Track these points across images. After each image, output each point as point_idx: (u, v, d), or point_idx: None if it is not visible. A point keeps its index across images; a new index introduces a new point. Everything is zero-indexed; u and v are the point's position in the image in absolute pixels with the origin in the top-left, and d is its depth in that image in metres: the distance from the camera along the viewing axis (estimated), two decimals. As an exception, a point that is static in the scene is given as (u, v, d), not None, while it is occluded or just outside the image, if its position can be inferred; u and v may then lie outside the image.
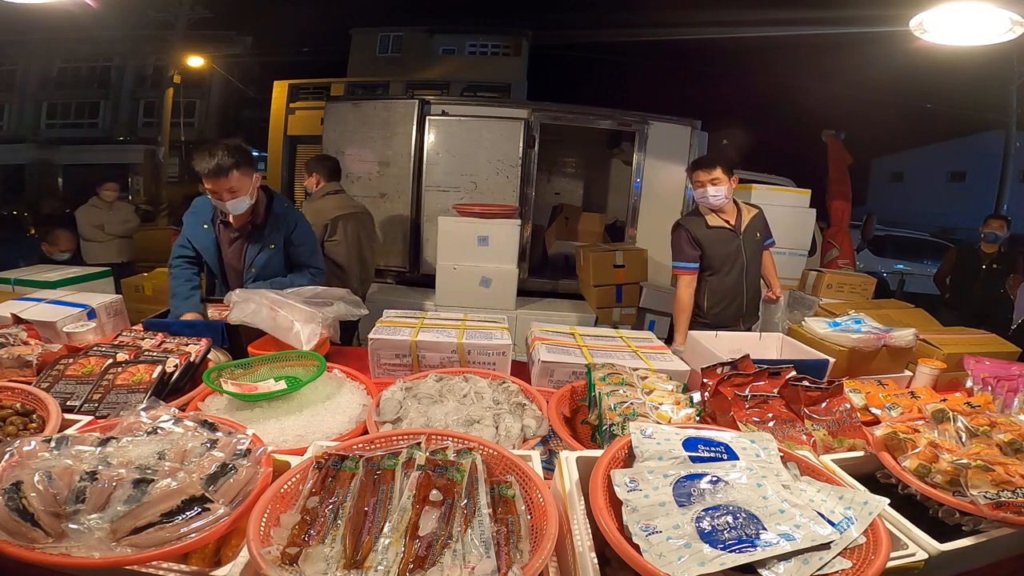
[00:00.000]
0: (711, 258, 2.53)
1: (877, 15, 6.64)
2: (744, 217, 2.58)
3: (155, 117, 15.02)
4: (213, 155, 1.89)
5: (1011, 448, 1.09)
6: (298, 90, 11.33)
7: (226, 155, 1.89)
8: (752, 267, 2.61)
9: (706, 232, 2.52)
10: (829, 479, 0.98)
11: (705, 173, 2.45)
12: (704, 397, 1.42)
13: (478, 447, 1.00)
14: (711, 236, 2.52)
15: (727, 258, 2.54)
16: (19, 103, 16.44)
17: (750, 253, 2.59)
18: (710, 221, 2.53)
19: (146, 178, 14.45)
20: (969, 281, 4.30)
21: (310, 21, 16.12)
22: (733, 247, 2.55)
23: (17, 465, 0.84)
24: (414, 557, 0.74)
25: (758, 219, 2.63)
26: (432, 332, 1.77)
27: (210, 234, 2.15)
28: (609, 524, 0.80)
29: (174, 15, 10.43)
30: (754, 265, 2.62)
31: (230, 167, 1.90)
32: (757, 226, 2.62)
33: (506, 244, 3.84)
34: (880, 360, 1.85)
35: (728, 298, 2.57)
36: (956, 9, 1.90)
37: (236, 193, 1.95)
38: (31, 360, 1.48)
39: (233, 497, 0.88)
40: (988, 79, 9.57)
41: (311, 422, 1.28)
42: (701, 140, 5.08)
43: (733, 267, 2.55)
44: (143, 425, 1.02)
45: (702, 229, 2.52)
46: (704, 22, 9.83)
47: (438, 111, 4.64)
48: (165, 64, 11.11)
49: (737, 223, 2.55)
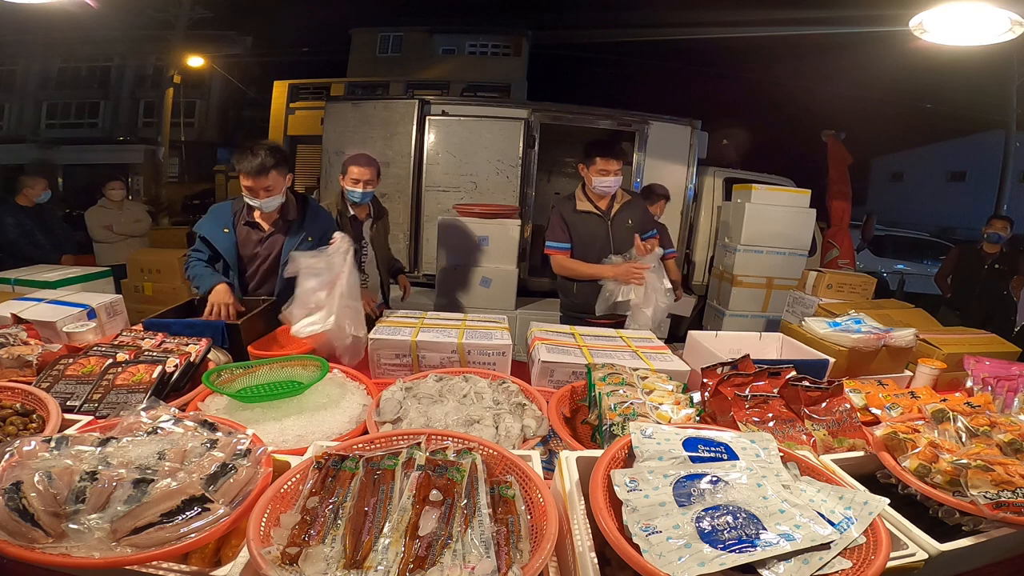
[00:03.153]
0: (577, 243, 2.51)
1: (877, 15, 6.64)
2: (615, 203, 2.55)
3: (155, 117, 15.00)
4: (256, 154, 2.01)
5: (1011, 448, 1.09)
6: (298, 90, 11.34)
7: (268, 155, 2.03)
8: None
9: (573, 215, 2.51)
10: (829, 479, 0.98)
11: (611, 163, 2.41)
12: (704, 397, 1.42)
13: (478, 447, 1.00)
14: (577, 220, 2.51)
15: (592, 242, 2.51)
16: (19, 103, 16.41)
17: (619, 240, 2.53)
18: (579, 206, 2.51)
19: (146, 178, 14.43)
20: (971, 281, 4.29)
21: (310, 21, 16.11)
22: (600, 232, 2.52)
23: (17, 465, 0.84)
24: (414, 557, 0.74)
25: (632, 206, 2.58)
26: (432, 332, 1.77)
27: (231, 237, 2.19)
28: (609, 524, 0.80)
29: (174, 15, 10.42)
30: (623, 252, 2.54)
31: (271, 167, 2.03)
32: (630, 214, 2.56)
33: (506, 244, 3.84)
34: (880, 360, 1.85)
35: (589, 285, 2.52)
36: (956, 9, 1.90)
37: (271, 192, 2.08)
38: (31, 360, 1.48)
39: (233, 497, 0.88)
40: (988, 79, 9.56)
41: (311, 422, 1.28)
42: (701, 140, 5.09)
43: (599, 254, 2.51)
44: (143, 425, 1.02)
45: (570, 211, 2.51)
46: (704, 22, 9.82)
47: (438, 111, 4.64)
48: (165, 64, 11.10)
49: (608, 209, 2.53)
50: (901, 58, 7.64)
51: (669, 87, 13.00)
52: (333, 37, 14.76)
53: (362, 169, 2.58)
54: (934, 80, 10.29)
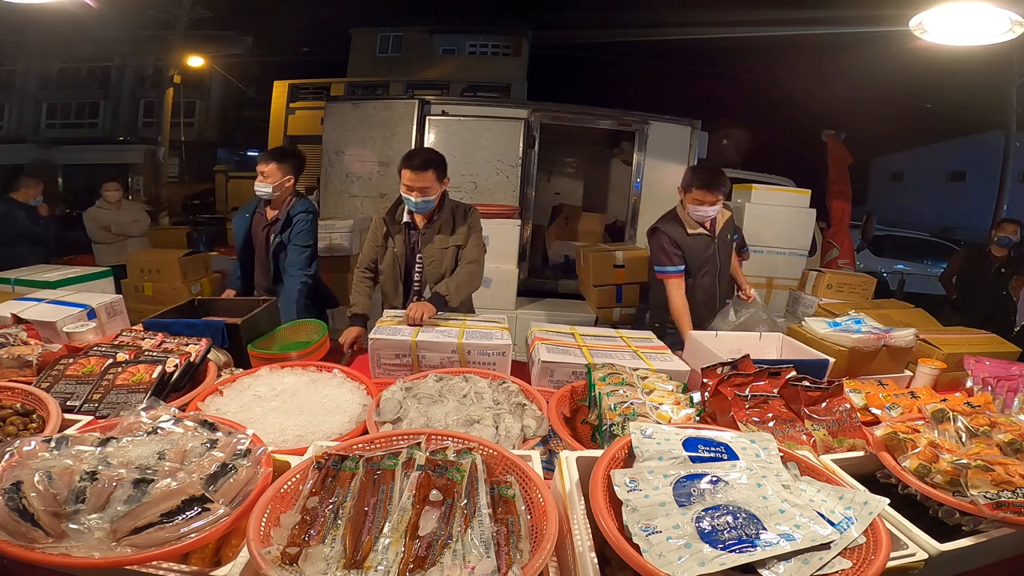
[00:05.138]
0: (689, 264, 2.53)
1: (877, 15, 6.64)
2: (719, 220, 2.58)
3: (155, 117, 14.99)
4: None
5: (1011, 448, 1.09)
6: (298, 90, 11.34)
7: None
8: (724, 270, 2.63)
9: (685, 238, 2.51)
10: (829, 479, 0.98)
11: (712, 195, 2.42)
12: (704, 397, 1.42)
13: (478, 447, 1.00)
14: (690, 242, 2.52)
15: (704, 263, 2.54)
16: (19, 103, 16.42)
17: (723, 256, 2.60)
18: (689, 229, 2.52)
19: (146, 178, 14.44)
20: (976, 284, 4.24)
21: (310, 21, 16.14)
22: (709, 252, 2.55)
23: (17, 465, 0.84)
24: (414, 557, 0.74)
25: (730, 221, 2.64)
26: (432, 332, 1.77)
27: (247, 222, 2.60)
28: (609, 524, 0.79)
29: (174, 15, 10.41)
30: (726, 268, 2.65)
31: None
32: (729, 228, 2.63)
33: (506, 244, 3.83)
34: (880, 360, 1.85)
35: (702, 301, 2.56)
36: (956, 9, 1.90)
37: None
38: (31, 360, 1.48)
39: (233, 497, 0.88)
40: (988, 79, 9.56)
41: (311, 422, 1.28)
42: (701, 140, 5.08)
43: (708, 271, 2.55)
44: (143, 425, 1.02)
45: (682, 235, 2.52)
46: (704, 22, 9.83)
47: (438, 111, 4.64)
48: (165, 64, 11.09)
49: (712, 227, 2.55)
50: (901, 58, 7.64)
51: (669, 87, 13.01)
52: (333, 37, 14.79)
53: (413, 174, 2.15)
54: (934, 80, 10.29)
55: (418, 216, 2.27)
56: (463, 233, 2.28)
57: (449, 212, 2.29)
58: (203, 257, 4.19)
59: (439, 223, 2.27)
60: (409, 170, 2.13)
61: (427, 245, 2.27)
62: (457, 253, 2.29)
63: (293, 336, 2.02)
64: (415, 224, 2.29)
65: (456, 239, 2.27)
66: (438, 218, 2.26)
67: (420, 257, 2.30)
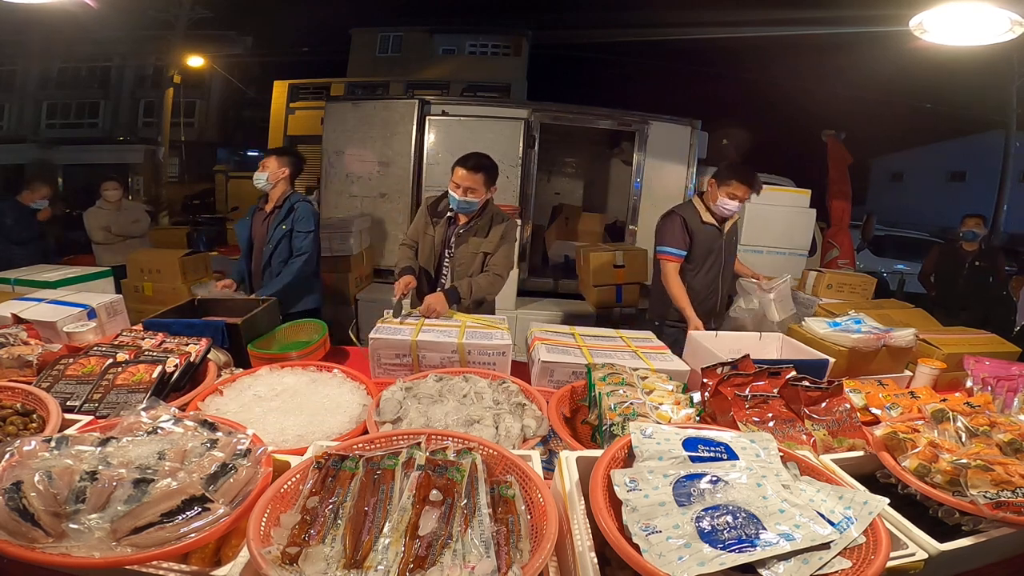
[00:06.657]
0: (696, 252, 2.54)
1: (877, 15, 6.64)
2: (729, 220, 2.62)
3: (155, 117, 14.98)
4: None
5: (1011, 448, 1.09)
6: (298, 90, 11.35)
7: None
8: (728, 268, 2.65)
9: (699, 226, 2.53)
10: (829, 479, 0.98)
11: (747, 191, 2.47)
12: (704, 397, 1.42)
13: (478, 447, 1.00)
14: (702, 230, 2.54)
15: (709, 253, 2.56)
16: (19, 103, 16.41)
17: (728, 254, 2.63)
18: (704, 217, 2.55)
19: (146, 178, 14.42)
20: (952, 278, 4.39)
21: (310, 21, 16.11)
22: (717, 244, 2.57)
23: (17, 465, 0.84)
24: (414, 557, 0.74)
25: (735, 225, 2.69)
26: (432, 332, 1.77)
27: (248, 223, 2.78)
28: (609, 524, 0.80)
29: (174, 15, 10.40)
30: (729, 266, 2.67)
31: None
32: (734, 230, 2.68)
33: (506, 244, 3.83)
34: (880, 360, 1.85)
35: (703, 294, 2.58)
36: (956, 9, 1.90)
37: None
38: (31, 360, 1.48)
39: (233, 497, 0.88)
40: (988, 79, 9.56)
41: (311, 422, 1.28)
42: (701, 140, 5.08)
43: (713, 265, 2.58)
44: (143, 425, 1.02)
45: (696, 222, 2.53)
46: (704, 22, 9.82)
47: (438, 111, 4.64)
48: (165, 64, 11.08)
49: (722, 222, 2.59)
50: (901, 58, 7.64)
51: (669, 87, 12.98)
52: (333, 37, 14.77)
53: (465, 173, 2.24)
54: (934, 80, 10.29)
55: (460, 215, 2.37)
56: (495, 242, 2.36)
57: (488, 219, 2.38)
58: (203, 257, 4.19)
59: (476, 227, 2.37)
60: (463, 168, 2.24)
61: (460, 245, 2.38)
62: (485, 259, 2.37)
63: (293, 336, 2.03)
64: (456, 219, 2.40)
65: (486, 246, 2.36)
66: (476, 222, 2.36)
67: (450, 252, 2.41)
